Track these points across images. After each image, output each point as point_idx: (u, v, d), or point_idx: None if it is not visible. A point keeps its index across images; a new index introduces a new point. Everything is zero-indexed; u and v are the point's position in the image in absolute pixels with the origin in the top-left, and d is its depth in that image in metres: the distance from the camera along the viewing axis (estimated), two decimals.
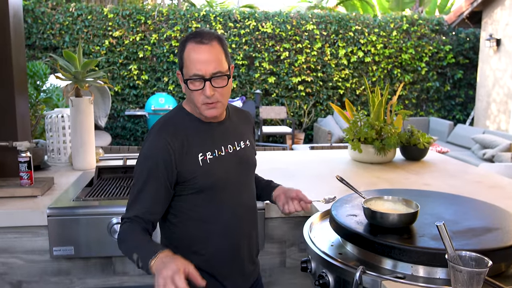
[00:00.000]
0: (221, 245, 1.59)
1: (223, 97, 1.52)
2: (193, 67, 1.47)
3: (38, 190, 2.17)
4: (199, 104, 1.51)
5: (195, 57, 1.47)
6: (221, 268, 1.60)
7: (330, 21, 9.45)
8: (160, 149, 1.49)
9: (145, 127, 9.11)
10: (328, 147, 4.03)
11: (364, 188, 2.17)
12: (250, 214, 1.69)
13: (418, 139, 3.00)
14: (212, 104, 1.51)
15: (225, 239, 1.59)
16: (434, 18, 9.95)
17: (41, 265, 2.04)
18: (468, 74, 10.07)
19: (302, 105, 9.55)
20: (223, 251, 1.60)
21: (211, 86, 1.47)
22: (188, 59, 1.48)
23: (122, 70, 8.97)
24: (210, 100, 1.49)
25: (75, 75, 2.63)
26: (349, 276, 1.34)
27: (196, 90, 1.48)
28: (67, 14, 8.71)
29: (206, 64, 1.46)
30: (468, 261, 1.11)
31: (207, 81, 1.47)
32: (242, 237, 1.64)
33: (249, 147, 1.71)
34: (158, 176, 1.49)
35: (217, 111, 1.53)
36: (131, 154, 3.00)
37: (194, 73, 1.47)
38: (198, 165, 1.52)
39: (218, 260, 1.59)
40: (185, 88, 1.54)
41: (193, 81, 1.48)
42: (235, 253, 1.62)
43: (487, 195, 2.25)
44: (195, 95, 1.50)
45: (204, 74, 1.47)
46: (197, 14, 9.11)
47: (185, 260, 1.34)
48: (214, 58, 1.47)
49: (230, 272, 1.63)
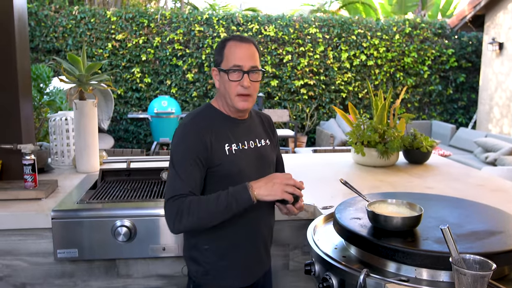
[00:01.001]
0: (241, 233, 1.69)
1: (255, 91, 1.69)
2: (233, 60, 1.63)
3: (42, 193, 2.18)
4: (234, 95, 1.65)
5: (236, 52, 1.64)
6: (239, 254, 1.70)
7: (332, 24, 9.46)
8: (194, 133, 1.62)
9: (148, 130, 9.12)
10: (331, 150, 4.03)
11: (367, 191, 2.18)
12: (268, 205, 1.77)
13: (421, 143, 3.00)
14: (246, 97, 1.66)
15: (245, 227, 1.70)
16: (436, 22, 9.95)
17: (45, 267, 2.05)
18: (470, 78, 10.06)
19: (305, 108, 9.55)
20: (243, 239, 1.70)
21: (248, 78, 1.63)
22: (229, 54, 1.65)
23: (125, 73, 8.99)
24: (245, 91, 1.64)
25: (79, 78, 2.64)
26: (353, 279, 1.35)
27: (234, 80, 1.64)
28: (70, 17, 8.74)
29: (246, 59, 1.64)
30: (472, 264, 1.12)
31: (245, 74, 1.63)
32: (260, 226, 1.75)
33: (269, 145, 1.83)
34: (194, 156, 1.59)
35: (248, 104, 1.68)
36: (135, 157, 3.01)
37: (234, 64, 1.63)
38: (224, 153, 1.64)
39: (237, 247, 1.70)
40: (221, 82, 1.69)
41: (232, 72, 1.64)
42: (253, 241, 1.73)
43: (490, 199, 2.25)
44: (232, 86, 1.64)
45: (243, 66, 1.63)
46: (200, 18, 9.13)
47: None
48: (252, 55, 1.65)
49: (247, 260, 1.73)
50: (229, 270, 1.70)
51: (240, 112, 1.72)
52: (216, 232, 1.65)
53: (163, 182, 2.58)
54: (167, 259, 2.12)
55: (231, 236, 1.68)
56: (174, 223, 1.54)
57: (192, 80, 9.12)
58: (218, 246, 1.68)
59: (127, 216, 2.01)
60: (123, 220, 2.00)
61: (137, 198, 2.27)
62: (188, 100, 9.21)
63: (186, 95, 9.22)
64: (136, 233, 2.02)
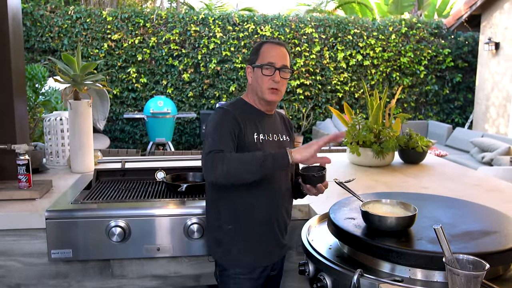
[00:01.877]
0: (263, 215, 1.81)
1: (283, 87, 1.86)
2: (268, 57, 1.82)
3: (36, 193, 2.17)
4: (265, 88, 1.82)
5: (271, 51, 1.84)
6: (261, 235, 1.83)
7: (329, 24, 9.47)
8: (230, 114, 1.78)
9: (144, 130, 9.10)
10: (327, 150, 4.03)
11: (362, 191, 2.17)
12: (287, 194, 1.92)
13: (417, 143, 3.00)
14: (275, 90, 1.83)
15: (267, 209, 1.82)
16: (433, 22, 9.96)
17: (39, 268, 2.04)
18: (467, 78, 10.08)
19: (301, 108, 9.56)
20: (264, 220, 1.82)
21: (279, 74, 1.82)
22: (265, 52, 1.84)
23: (121, 73, 8.97)
24: (276, 85, 1.82)
25: (73, 78, 2.63)
26: (346, 279, 1.34)
27: (267, 75, 1.81)
28: (66, 17, 8.71)
29: (279, 58, 1.83)
30: (466, 264, 1.12)
31: (277, 70, 1.82)
32: (281, 211, 1.87)
33: (289, 141, 1.99)
34: (230, 129, 1.74)
35: (277, 97, 1.85)
36: (130, 157, 3.00)
37: (268, 61, 1.82)
38: (253, 140, 1.80)
39: (259, 228, 1.82)
40: (254, 77, 1.86)
41: (266, 68, 1.82)
42: (274, 223, 1.85)
43: (486, 199, 2.26)
44: (264, 80, 1.82)
45: (276, 63, 1.82)
46: (196, 18, 9.12)
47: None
48: (285, 56, 1.85)
49: (268, 240, 1.85)
50: (252, 249, 1.82)
51: (269, 104, 1.88)
52: (239, 212, 1.79)
53: (158, 182, 2.57)
54: (162, 260, 2.11)
55: (253, 217, 1.80)
56: (210, 171, 1.63)
57: (188, 80, 9.11)
58: (241, 226, 1.80)
59: (121, 216, 2.01)
60: (118, 220, 2.00)
61: (132, 198, 2.26)
62: (184, 100, 9.20)
63: (182, 95, 9.20)
64: (130, 233, 2.01)
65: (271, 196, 1.83)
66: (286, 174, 1.91)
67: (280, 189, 1.86)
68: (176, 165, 2.72)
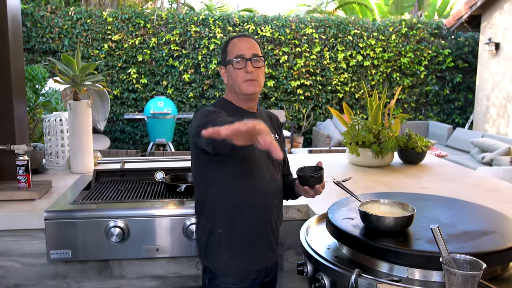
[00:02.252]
0: (253, 219, 1.76)
1: (259, 77, 1.79)
2: (236, 51, 1.78)
3: (35, 194, 2.18)
4: (241, 81, 1.77)
5: (238, 44, 1.81)
6: (252, 239, 1.77)
7: (329, 25, 9.47)
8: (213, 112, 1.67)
9: (144, 131, 9.11)
10: (326, 151, 4.03)
11: (361, 192, 2.17)
12: (278, 195, 1.87)
13: (416, 143, 3.00)
14: (252, 81, 1.77)
15: (257, 213, 1.77)
16: (433, 22, 9.96)
17: (38, 268, 2.04)
18: (467, 78, 10.08)
19: (301, 108, 9.56)
20: (255, 224, 1.77)
21: (251, 64, 1.76)
22: (232, 47, 1.81)
23: (121, 74, 8.98)
24: (251, 76, 1.76)
25: (73, 78, 2.63)
26: (344, 279, 1.34)
27: (239, 68, 1.76)
28: (66, 18, 8.72)
29: (247, 49, 1.79)
30: (463, 264, 1.12)
31: (248, 60, 1.77)
32: (272, 215, 1.82)
33: (278, 139, 1.90)
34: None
35: (255, 88, 1.78)
36: (129, 158, 3.01)
37: (237, 54, 1.77)
38: None
39: (249, 232, 1.76)
40: (228, 75, 1.82)
41: (236, 62, 1.77)
42: (264, 227, 1.80)
43: (485, 199, 2.26)
44: (238, 74, 1.77)
45: (245, 54, 1.77)
46: (196, 18, 9.13)
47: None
48: (253, 45, 1.81)
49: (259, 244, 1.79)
50: (243, 253, 1.77)
51: (250, 99, 1.82)
52: (229, 215, 1.74)
53: (157, 182, 2.57)
54: (161, 260, 2.11)
55: (244, 220, 1.75)
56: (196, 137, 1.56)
57: (188, 80, 9.11)
58: (232, 230, 1.75)
59: (120, 216, 2.01)
60: (116, 220, 2.00)
61: (131, 198, 2.26)
62: (184, 100, 9.20)
63: (183, 96, 9.21)
64: (129, 234, 2.01)
65: (261, 197, 1.77)
66: (277, 173, 1.87)
67: (269, 189, 1.81)
68: (175, 165, 2.72)
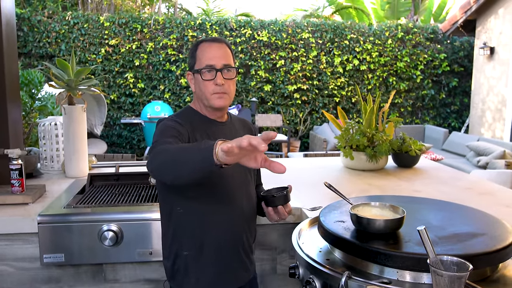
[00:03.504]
0: (220, 237, 1.66)
1: (230, 89, 1.68)
2: (205, 60, 1.64)
3: (29, 198, 2.18)
4: (209, 94, 1.65)
5: (207, 52, 1.66)
6: (222, 259, 1.67)
7: (325, 29, 9.50)
8: (176, 125, 1.60)
9: (141, 135, 9.11)
10: (321, 155, 4.04)
11: (355, 195, 2.19)
12: (249, 211, 1.76)
13: (410, 146, 3.02)
14: (221, 94, 1.65)
15: (227, 231, 1.67)
16: (429, 27, 10.01)
17: (31, 272, 2.04)
18: (463, 82, 10.12)
19: (298, 113, 9.58)
20: (225, 242, 1.67)
21: (221, 76, 1.64)
22: (201, 55, 1.66)
23: (118, 78, 8.99)
24: (220, 89, 1.64)
25: (68, 83, 2.64)
26: (335, 281, 1.35)
27: (208, 80, 1.64)
28: (63, 23, 8.74)
29: (218, 58, 1.65)
30: (450, 265, 1.12)
31: (218, 71, 1.64)
32: (242, 231, 1.72)
33: None
34: (174, 132, 1.57)
35: (225, 101, 1.67)
36: (124, 162, 3.01)
37: (206, 64, 1.64)
38: None
39: (219, 252, 1.66)
40: (196, 83, 1.69)
41: (205, 72, 1.64)
42: (236, 246, 1.70)
43: (477, 202, 2.27)
44: (206, 86, 1.64)
45: (215, 64, 1.64)
46: (193, 23, 9.15)
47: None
48: (224, 54, 1.67)
49: (228, 265, 1.70)
50: (214, 276, 1.67)
51: (217, 111, 1.71)
52: (194, 237, 1.64)
53: (152, 186, 2.57)
54: (155, 264, 2.11)
55: (213, 239, 1.66)
56: (149, 163, 1.44)
57: (185, 85, 9.13)
58: (200, 251, 1.65)
59: (113, 220, 2.01)
60: (110, 224, 2.00)
61: (125, 202, 2.26)
62: (181, 105, 9.21)
63: (180, 100, 9.22)
64: (123, 238, 2.01)
65: (232, 215, 1.67)
66: (249, 188, 1.77)
67: (241, 206, 1.71)
68: None
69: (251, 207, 1.78)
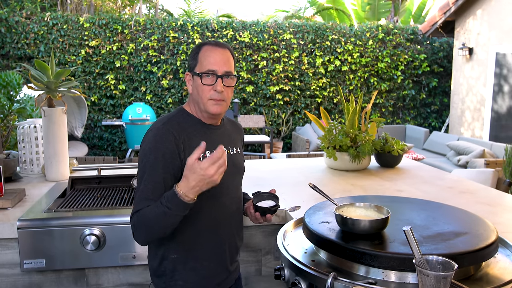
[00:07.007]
0: (209, 242, 1.67)
1: (228, 97, 1.66)
2: (208, 64, 1.61)
3: (8, 202, 2.13)
4: (206, 99, 1.63)
5: (210, 56, 1.62)
6: (208, 263, 1.68)
7: (307, 30, 9.54)
8: (167, 141, 1.57)
9: (123, 137, 9.02)
10: (305, 155, 4.05)
11: (339, 195, 2.19)
12: (237, 214, 1.78)
13: (392, 146, 3.04)
14: (219, 101, 1.63)
15: (214, 235, 1.68)
16: (409, 28, 10.13)
17: (11, 279, 2.00)
18: (442, 82, 10.26)
19: (280, 113, 9.60)
20: (214, 246, 1.68)
21: (221, 83, 1.62)
22: (203, 58, 1.63)
23: (99, 80, 8.89)
24: (218, 96, 1.62)
25: (47, 85, 2.60)
26: (321, 283, 1.35)
27: (208, 84, 1.61)
28: (42, 24, 8.60)
29: (220, 64, 1.62)
30: (435, 265, 1.13)
31: (219, 78, 1.61)
32: (228, 235, 1.73)
33: (240, 154, 1.81)
34: (166, 165, 1.55)
35: (221, 108, 1.65)
36: (106, 165, 2.97)
37: (208, 68, 1.61)
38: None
39: (204, 256, 1.67)
40: (194, 86, 1.66)
41: (206, 76, 1.62)
42: (221, 250, 1.71)
43: (458, 200, 2.30)
44: (205, 90, 1.62)
45: (217, 70, 1.61)
46: (174, 24, 9.10)
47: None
48: (227, 60, 1.64)
49: (216, 268, 1.70)
50: (198, 278, 1.67)
51: (212, 117, 1.68)
52: (183, 241, 1.64)
53: (134, 189, 2.54)
54: (138, 267, 2.09)
55: (200, 243, 1.66)
56: (134, 236, 1.56)
57: (167, 86, 9.07)
58: (187, 254, 1.65)
59: (95, 224, 1.98)
60: (92, 228, 1.97)
61: (107, 205, 2.23)
62: (163, 106, 9.15)
63: (161, 102, 9.16)
64: (105, 241, 1.98)
65: (219, 219, 1.68)
66: (237, 193, 1.79)
67: (231, 211, 1.72)
68: None
69: (240, 212, 1.81)
